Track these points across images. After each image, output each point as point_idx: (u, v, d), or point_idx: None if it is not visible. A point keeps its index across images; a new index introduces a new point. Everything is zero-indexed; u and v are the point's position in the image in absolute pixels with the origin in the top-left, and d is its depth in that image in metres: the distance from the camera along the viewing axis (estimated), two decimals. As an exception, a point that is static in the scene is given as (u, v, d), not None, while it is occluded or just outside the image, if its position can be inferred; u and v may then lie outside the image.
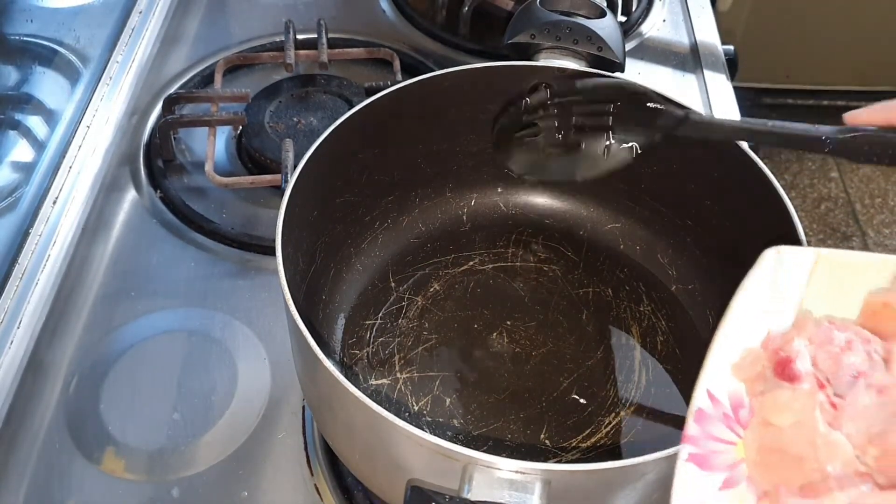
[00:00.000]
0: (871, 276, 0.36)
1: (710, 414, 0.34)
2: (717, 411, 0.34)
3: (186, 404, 0.64)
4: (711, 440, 0.33)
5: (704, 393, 0.34)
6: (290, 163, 0.77)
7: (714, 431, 0.33)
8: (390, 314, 0.66)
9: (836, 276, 0.36)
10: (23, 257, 0.70)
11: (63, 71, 0.81)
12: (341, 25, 0.97)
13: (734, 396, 0.34)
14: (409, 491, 0.46)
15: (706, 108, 0.91)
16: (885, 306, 0.35)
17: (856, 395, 0.32)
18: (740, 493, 0.32)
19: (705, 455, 0.33)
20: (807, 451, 0.32)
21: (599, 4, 0.72)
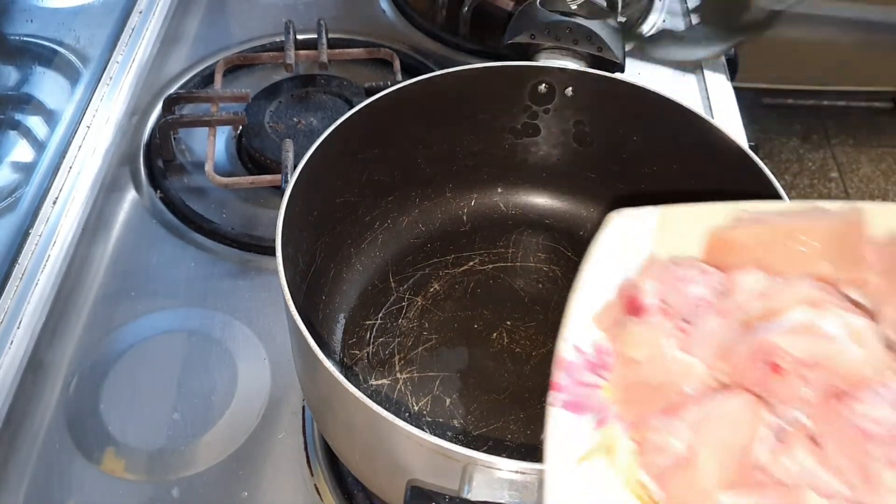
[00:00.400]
0: (712, 220, 0.39)
1: (577, 363, 0.36)
2: (583, 360, 0.36)
3: (186, 404, 0.64)
4: (580, 386, 0.35)
5: (569, 346, 0.36)
6: (290, 163, 0.77)
7: (582, 378, 0.35)
8: (390, 314, 0.66)
9: (679, 224, 0.39)
10: (23, 257, 0.70)
11: (63, 71, 0.81)
12: (341, 25, 0.97)
13: (597, 345, 0.36)
14: (409, 491, 0.46)
15: (706, 109, 0.91)
16: (723, 242, 0.38)
17: (702, 321, 0.35)
18: (612, 429, 0.34)
19: (576, 400, 0.35)
20: (664, 377, 0.35)
21: (599, 4, 0.72)
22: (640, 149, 0.65)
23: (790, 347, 0.33)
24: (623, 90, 0.64)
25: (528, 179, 0.71)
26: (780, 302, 0.35)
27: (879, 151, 2.14)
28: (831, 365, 0.32)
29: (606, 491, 0.33)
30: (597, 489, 0.33)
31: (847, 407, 0.31)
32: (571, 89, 0.65)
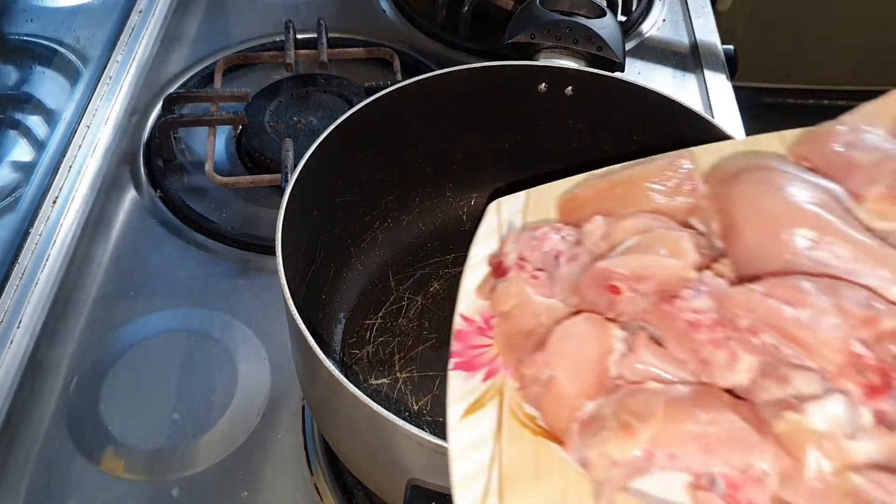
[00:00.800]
0: (564, 188, 0.46)
1: (468, 331, 0.42)
2: (473, 327, 0.42)
3: (186, 404, 0.64)
4: (471, 349, 0.41)
5: (459, 317, 0.42)
6: (290, 162, 0.77)
7: (473, 342, 0.41)
8: (390, 314, 0.66)
9: (542, 199, 0.46)
10: (23, 257, 0.70)
11: (63, 70, 0.81)
12: (341, 25, 0.97)
13: (483, 312, 0.42)
14: (409, 490, 0.46)
15: (706, 108, 0.91)
16: (571, 202, 0.45)
17: (557, 268, 0.41)
18: (499, 377, 0.39)
19: (468, 360, 0.40)
20: (532, 321, 0.40)
21: (599, 4, 0.72)
22: (640, 148, 0.65)
23: (620, 268, 0.38)
24: (623, 89, 0.64)
25: (528, 178, 0.71)
26: (617, 236, 0.41)
27: (879, 151, 2.14)
28: (657, 276, 0.38)
29: (498, 428, 0.38)
30: (489, 428, 0.38)
31: (674, 306, 0.36)
32: (571, 89, 0.65)
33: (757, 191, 0.39)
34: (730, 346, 0.36)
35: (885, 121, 0.42)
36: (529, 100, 0.66)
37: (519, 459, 0.37)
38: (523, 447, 0.37)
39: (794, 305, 0.34)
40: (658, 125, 0.63)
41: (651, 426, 0.34)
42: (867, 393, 0.33)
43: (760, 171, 0.41)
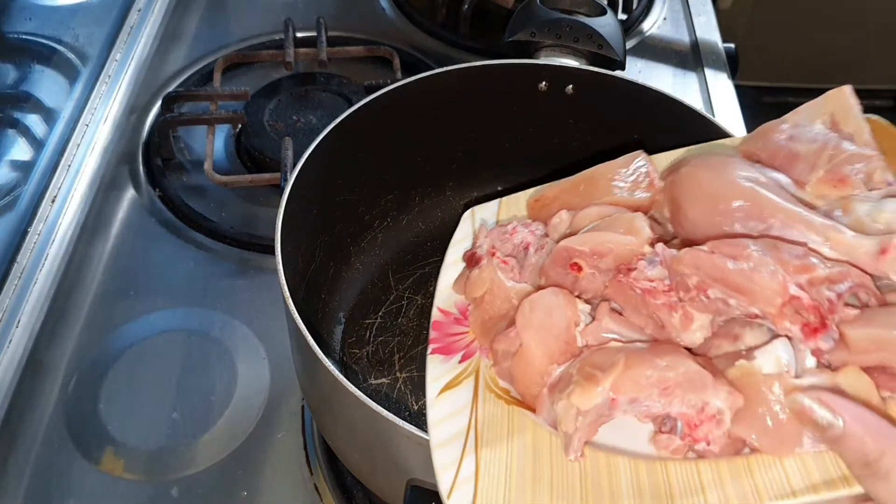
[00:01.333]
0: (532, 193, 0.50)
1: (444, 321, 0.46)
2: (450, 318, 0.46)
3: (186, 404, 0.64)
4: (448, 336, 0.45)
5: (436, 310, 0.46)
6: (290, 161, 0.77)
7: (449, 330, 0.45)
8: (390, 313, 0.66)
9: (514, 204, 0.51)
10: (21, 256, 0.70)
11: (62, 69, 0.81)
12: (341, 24, 0.97)
13: (459, 305, 0.46)
14: (408, 490, 0.46)
15: (707, 107, 0.90)
16: (539, 201, 0.49)
17: (527, 256, 0.45)
18: (475, 359, 0.43)
19: (445, 346, 0.44)
20: (506, 305, 0.43)
21: (600, 2, 0.72)
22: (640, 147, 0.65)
23: (580, 245, 0.42)
24: (624, 88, 0.63)
25: (528, 177, 0.71)
26: (580, 224, 0.45)
27: (880, 149, 2.14)
28: (614, 251, 0.41)
29: (473, 399, 0.41)
30: (465, 400, 0.41)
31: (630, 277, 0.40)
32: (572, 87, 0.65)
33: (697, 171, 0.44)
34: (683, 308, 0.39)
35: (824, 117, 0.46)
36: (530, 98, 0.65)
37: (493, 422, 0.40)
38: (497, 413, 0.40)
39: (736, 259, 0.38)
40: (659, 124, 0.63)
41: (612, 374, 0.37)
42: (806, 333, 0.36)
43: (704, 156, 0.46)
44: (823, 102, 0.47)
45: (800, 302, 0.36)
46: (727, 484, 0.36)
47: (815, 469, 0.35)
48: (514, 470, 0.38)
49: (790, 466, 0.35)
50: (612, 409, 0.37)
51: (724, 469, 0.36)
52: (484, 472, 0.38)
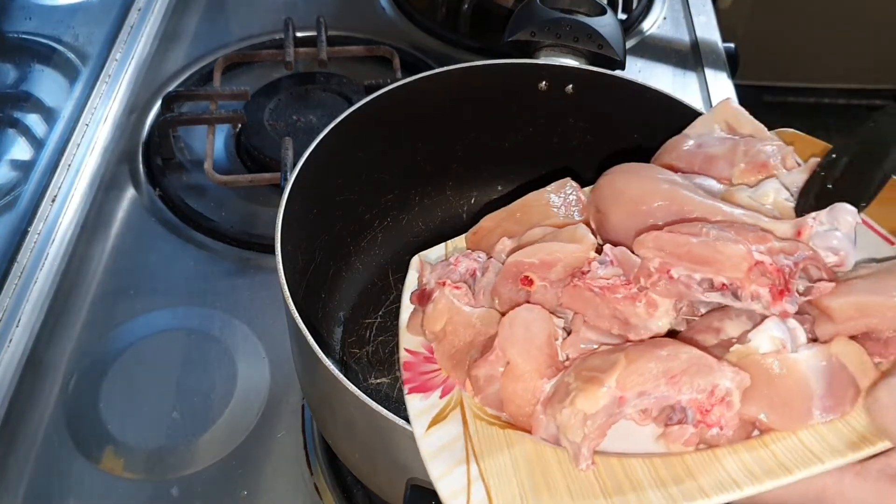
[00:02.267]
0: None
1: (414, 361, 0.45)
2: (419, 358, 0.45)
3: (186, 403, 0.64)
4: (422, 375, 0.44)
5: (404, 351, 0.46)
6: (290, 161, 0.77)
7: (421, 369, 0.45)
8: (390, 313, 0.66)
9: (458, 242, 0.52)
10: (21, 256, 0.70)
11: (62, 69, 0.81)
12: (341, 23, 0.97)
13: (426, 345, 0.46)
14: (408, 490, 0.46)
15: (707, 106, 0.90)
16: (477, 233, 0.50)
17: (476, 281, 0.46)
18: (456, 392, 0.43)
19: (421, 384, 0.44)
20: (470, 332, 0.43)
21: (600, 2, 0.72)
22: (640, 146, 0.65)
23: (529, 258, 0.43)
24: (623, 88, 0.63)
25: (527, 177, 0.71)
26: (525, 242, 0.46)
27: (880, 149, 2.13)
28: (562, 259, 0.43)
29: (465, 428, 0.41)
30: (456, 430, 0.41)
31: (584, 279, 0.41)
32: (572, 87, 0.65)
33: (616, 177, 0.47)
34: (646, 295, 0.40)
35: (721, 124, 0.52)
36: (530, 98, 0.65)
37: (491, 446, 0.40)
38: (493, 437, 0.40)
39: (697, 235, 0.39)
40: (658, 123, 0.63)
41: (616, 372, 0.37)
42: (774, 295, 0.38)
43: (621, 165, 0.49)
44: (714, 114, 0.53)
45: (764, 266, 0.38)
46: (748, 461, 0.36)
47: (831, 435, 0.35)
48: (527, 485, 0.37)
49: (805, 437, 0.36)
50: (620, 406, 0.37)
51: (742, 449, 0.36)
52: (496, 492, 0.37)
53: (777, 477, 0.34)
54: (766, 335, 0.38)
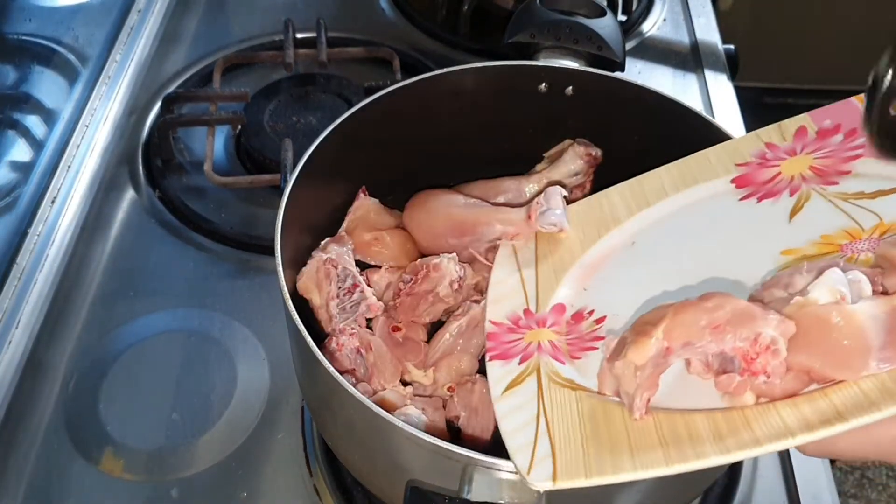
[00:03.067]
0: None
1: (498, 332, 0.51)
2: (503, 328, 0.51)
3: (185, 404, 0.64)
4: (504, 344, 0.49)
5: (489, 324, 0.51)
6: (290, 162, 0.77)
7: (504, 339, 0.50)
8: (390, 314, 0.66)
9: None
10: (21, 257, 0.70)
11: (61, 70, 0.81)
12: (341, 24, 0.97)
13: (511, 316, 0.52)
14: (408, 491, 0.45)
15: (707, 108, 0.90)
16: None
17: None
18: (534, 359, 0.47)
19: (503, 352, 0.49)
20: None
21: (599, 4, 0.72)
22: (640, 148, 0.65)
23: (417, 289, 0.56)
24: (623, 89, 0.63)
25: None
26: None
27: (879, 151, 2.13)
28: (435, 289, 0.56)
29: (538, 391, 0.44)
30: (531, 393, 0.44)
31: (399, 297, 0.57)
32: (572, 88, 0.65)
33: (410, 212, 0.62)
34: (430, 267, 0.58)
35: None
36: (529, 100, 0.65)
37: (562, 407, 0.43)
38: (565, 399, 0.43)
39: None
40: (658, 125, 0.63)
41: (663, 324, 0.39)
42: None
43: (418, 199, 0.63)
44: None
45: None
46: (806, 411, 0.36)
47: (891, 382, 0.35)
48: (591, 442, 0.39)
49: (865, 385, 0.36)
50: (667, 356, 0.39)
51: (802, 401, 0.37)
52: (560, 448, 0.39)
53: (831, 425, 0.35)
54: (825, 287, 0.38)
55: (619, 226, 0.55)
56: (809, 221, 0.48)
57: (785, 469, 0.63)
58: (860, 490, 1.54)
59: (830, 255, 0.45)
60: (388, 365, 0.56)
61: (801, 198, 0.50)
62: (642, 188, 0.56)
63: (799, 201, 0.50)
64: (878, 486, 1.55)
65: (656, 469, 0.37)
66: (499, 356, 0.48)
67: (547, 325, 0.50)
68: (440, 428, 0.53)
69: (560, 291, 0.52)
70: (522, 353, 0.48)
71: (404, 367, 0.57)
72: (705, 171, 0.54)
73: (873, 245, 0.44)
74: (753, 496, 0.61)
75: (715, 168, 0.54)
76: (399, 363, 0.57)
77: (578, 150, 0.65)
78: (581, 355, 0.47)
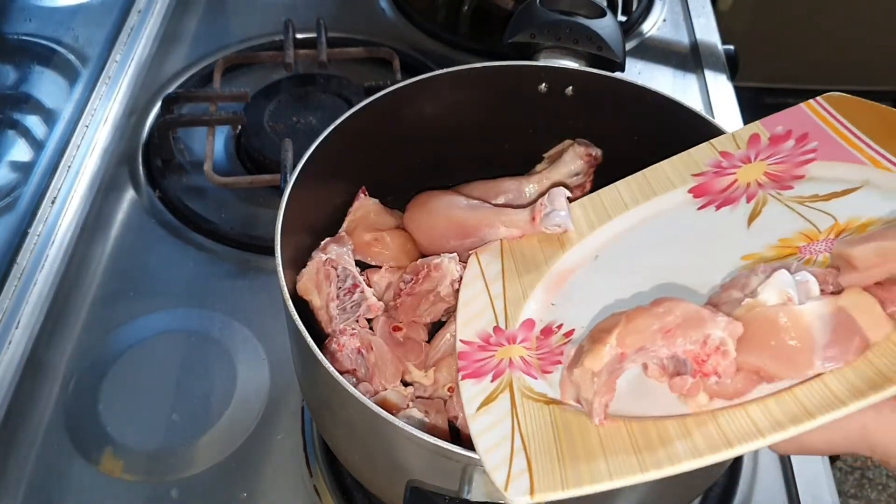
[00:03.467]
0: None
1: (469, 351, 0.50)
2: (473, 347, 0.50)
3: (185, 405, 0.64)
4: (476, 362, 0.49)
5: (460, 343, 0.51)
6: (290, 162, 0.77)
7: (475, 357, 0.49)
8: (390, 314, 0.66)
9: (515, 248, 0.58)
10: (21, 257, 0.70)
11: (62, 70, 0.81)
12: (341, 25, 0.97)
13: (481, 334, 0.51)
14: (408, 492, 0.45)
15: (707, 108, 0.90)
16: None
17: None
18: (506, 375, 0.47)
19: (474, 371, 0.48)
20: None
21: (599, 4, 0.72)
22: (640, 148, 0.65)
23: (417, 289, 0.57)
24: (623, 90, 0.63)
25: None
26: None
27: (879, 151, 2.13)
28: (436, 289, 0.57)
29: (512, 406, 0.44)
30: (504, 409, 0.44)
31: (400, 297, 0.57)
32: (572, 89, 0.65)
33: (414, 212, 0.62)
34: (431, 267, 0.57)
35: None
36: (529, 100, 0.65)
37: (535, 420, 0.43)
38: (538, 413, 0.43)
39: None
40: (658, 125, 0.63)
41: (616, 331, 0.40)
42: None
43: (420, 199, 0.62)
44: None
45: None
46: (774, 410, 0.37)
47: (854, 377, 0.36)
48: (566, 454, 0.40)
49: (830, 382, 0.37)
50: (621, 362, 0.40)
51: (770, 400, 0.38)
52: (536, 462, 0.40)
53: (801, 422, 0.36)
54: (773, 289, 0.39)
55: (582, 240, 0.55)
56: (767, 226, 0.49)
57: (785, 469, 0.63)
58: (860, 490, 1.54)
59: (789, 257, 0.46)
60: (388, 365, 0.56)
61: (758, 203, 0.51)
62: (602, 201, 0.57)
63: (756, 207, 0.51)
64: (878, 486, 1.55)
65: (632, 476, 0.37)
66: (471, 374, 0.48)
67: (517, 342, 0.50)
68: (443, 430, 0.53)
69: (528, 307, 0.52)
70: (494, 371, 0.48)
71: (405, 366, 0.57)
72: (662, 182, 0.55)
73: (829, 246, 0.45)
74: (753, 496, 0.61)
75: (671, 179, 0.55)
76: (400, 363, 0.57)
77: (579, 151, 0.64)
78: (552, 369, 0.47)
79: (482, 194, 0.64)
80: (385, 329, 0.58)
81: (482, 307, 0.53)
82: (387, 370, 0.55)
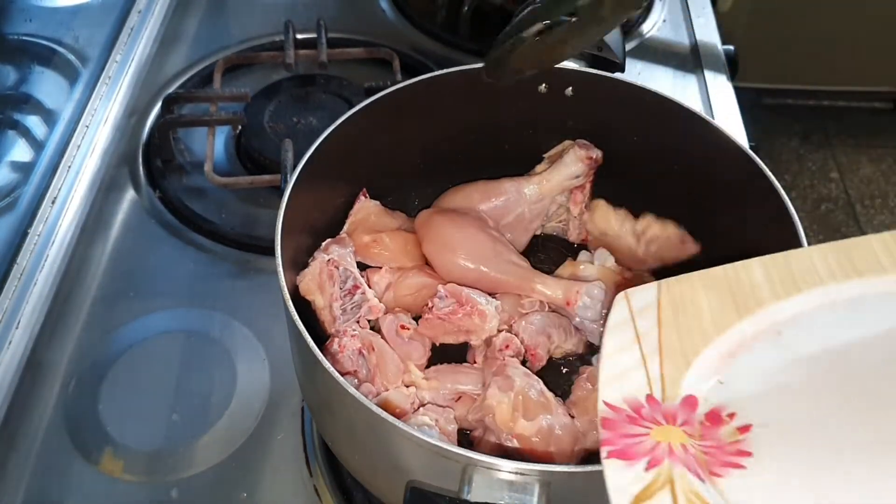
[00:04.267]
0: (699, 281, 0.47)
1: (616, 419, 0.40)
2: (621, 415, 0.41)
3: (185, 405, 0.64)
4: (624, 438, 0.40)
5: (603, 405, 0.41)
6: (290, 163, 0.77)
7: (624, 430, 0.40)
8: (390, 315, 0.66)
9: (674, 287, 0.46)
10: (21, 257, 0.70)
11: (62, 70, 0.81)
12: (341, 25, 0.97)
13: (630, 401, 0.41)
14: (408, 492, 0.45)
15: (706, 109, 0.90)
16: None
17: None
18: (664, 466, 0.38)
19: (622, 449, 0.39)
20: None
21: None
22: (640, 148, 0.65)
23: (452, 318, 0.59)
24: (623, 90, 0.63)
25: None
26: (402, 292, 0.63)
27: (880, 152, 2.14)
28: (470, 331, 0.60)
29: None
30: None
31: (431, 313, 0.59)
32: (571, 89, 0.65)
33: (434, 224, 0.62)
34: (476, 310, 0.57)
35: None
36: (529, 100, 0.65)
37: None
38: None
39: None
40: (658, 126, 0.63)
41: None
42: None
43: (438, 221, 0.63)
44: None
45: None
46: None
47: None
48: None
49: None
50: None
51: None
52: None
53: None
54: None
55: (763, 308, 0.45)
56: None
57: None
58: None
59: None
60: (390, 365, 0.56)
61: None
62: (790, 268, 0.47)
63: None
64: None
65: None
66: (619, 454, 0.39)
67: (677, 423, 0.40)
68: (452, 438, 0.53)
69: (690, 379, 0.42)
70: (650, 457, 0.39)
71: (406, 366, 0.57)
72: (870, 262, 0.45)
73: None
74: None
75: (881, 260, 0.45)
76: (401, 363, 0.57)
77: (579, 153, 0.64)
78: (722, 473, 0.38)
79: (482, 194, 0.64)
80: (392, 327, 0.58)
81: (632, 365, 0.43)
82: (388, 371, 0.55)
